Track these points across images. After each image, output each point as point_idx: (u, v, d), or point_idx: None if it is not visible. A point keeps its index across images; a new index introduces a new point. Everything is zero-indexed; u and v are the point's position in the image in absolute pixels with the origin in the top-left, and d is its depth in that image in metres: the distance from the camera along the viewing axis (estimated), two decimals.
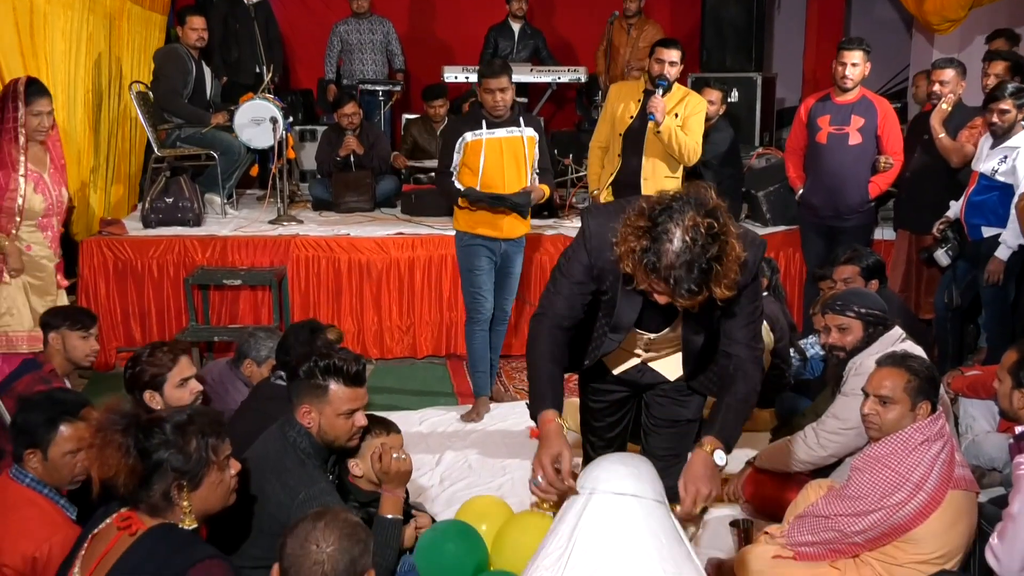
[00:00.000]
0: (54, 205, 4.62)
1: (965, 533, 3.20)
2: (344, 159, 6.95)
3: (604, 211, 2.80)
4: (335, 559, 1.97)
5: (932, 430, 3.19)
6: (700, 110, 5.33)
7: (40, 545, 2.67)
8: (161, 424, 2.34)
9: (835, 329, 3.89)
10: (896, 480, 3.13)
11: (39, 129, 4.53)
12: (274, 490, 2.76)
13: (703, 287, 2.36)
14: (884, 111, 5.68)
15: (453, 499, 4.15)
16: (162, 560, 2.20)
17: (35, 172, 4.51)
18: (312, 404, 2.87)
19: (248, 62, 7.75)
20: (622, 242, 2.41)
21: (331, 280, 6.08)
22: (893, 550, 3.18)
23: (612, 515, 2.19)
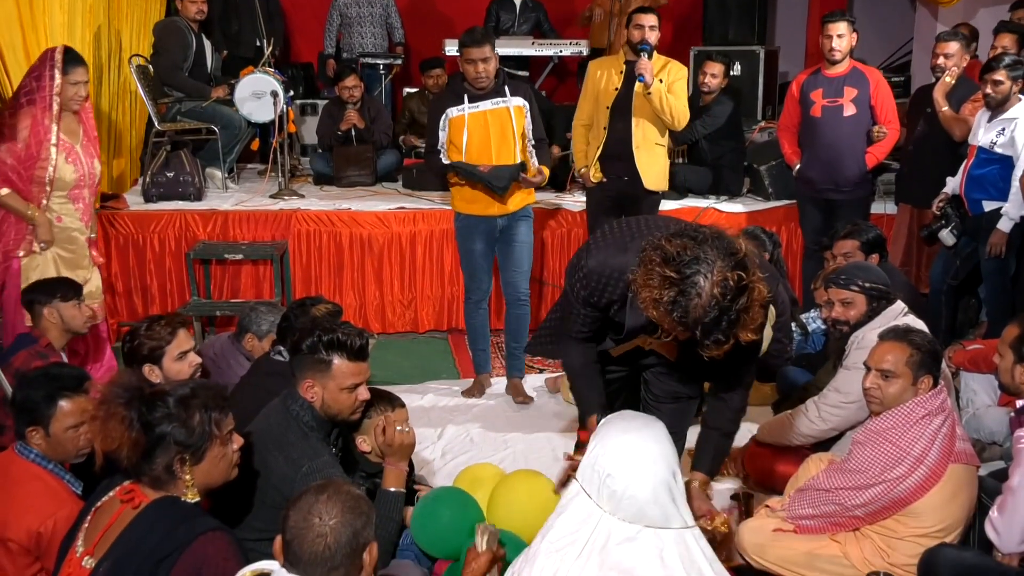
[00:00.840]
0: (85, 176, 4.60)
1: (965, 507, 3.21)
2: (345, 133, 6.91)
3: (603, 247, 2.79)
4: (337, 532, 1.98)
5: (933, 404, 3.19)
6: (683, 76, 5.30)
7: (45, 520, 2.67)
8: (164, 397, 2.34)
9: (839, 303, 3.88)
10: (897, 454, 3.14)
11: (75, 98, 4.53)
12: (277, 463, 2.76)
13: (730, 337, 2.36)
14: (876, 81, 5.67)
15: (455, 472, 4.14)
16: (165, 532, 2.21)
17: (67, 142, 4.50)
18: (315, 379, 2.86)
19: (248, 35, 7.71)
20: (644, 287, 2.35)
21: (332, 254, 6.07)
22: (893, 524, 3.19)
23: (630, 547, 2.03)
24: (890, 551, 3.19)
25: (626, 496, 2.00)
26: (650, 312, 2.38)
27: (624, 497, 2.01)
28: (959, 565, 3.06)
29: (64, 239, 4.58)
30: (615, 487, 2.01)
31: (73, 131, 4.55)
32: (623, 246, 2.70)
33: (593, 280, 2.74)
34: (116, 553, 2.22)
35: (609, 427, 2.14)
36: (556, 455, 4.38)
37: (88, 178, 4.62)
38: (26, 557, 2.69)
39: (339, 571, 1.99)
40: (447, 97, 4.87)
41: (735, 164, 6.60)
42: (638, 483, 2.01)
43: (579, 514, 2.06)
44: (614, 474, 2.01)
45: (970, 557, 3.11)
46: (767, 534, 3.37)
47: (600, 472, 2.04)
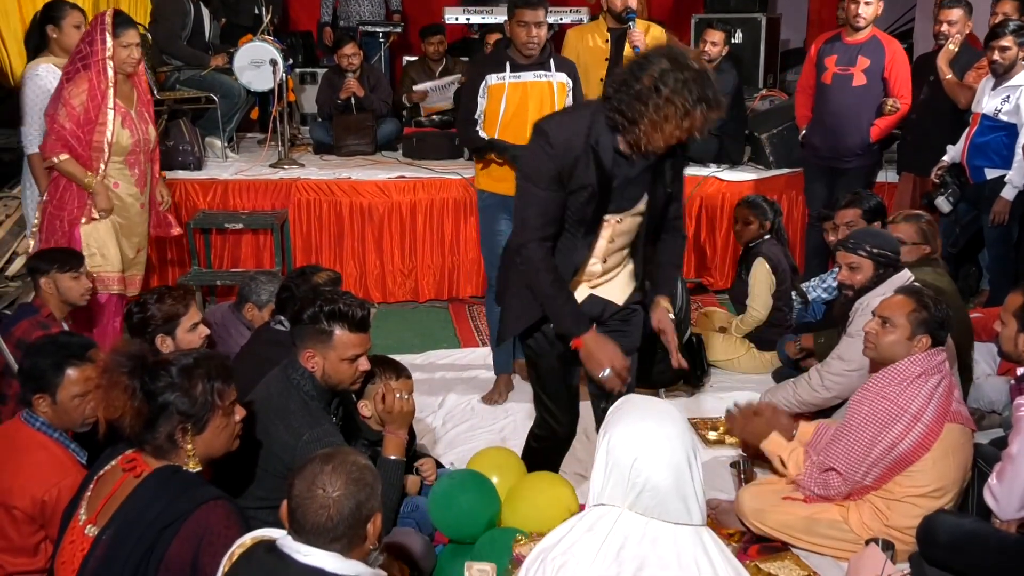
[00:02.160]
0: (140, 142, 4.57)
1: (959, 468, 3.23)
2: (345, 101, 6.87)
3: (556, 120, 2.98)
4: (340, 504, 1.98)
5: (930, 363, 3.21)
6: (663, 39, 5.21)
7: (49, 489, 2.68)
8: (167, 367, 2.34)
9: (846, 267, 3.90)
10: (894, 411, 3.16)
11: (128, 61, 4.49)
12: (278, 432, 2.77)
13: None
14: (893, 52, 5.57)
15: (455, 441, 4.17)
16: (167, 501, 2.22)
17: (122, 107, 4.46)
18: (316, 349, 2.86)
19: (247, 3, 7.62)
20: (670, 112, 2.65)
21: (333, 224, 6.05)
22: (889, 484, 3.21)
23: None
24: (888, 512, 3.21)
25: (648, 487, 1.90)
26: (673, 129, 2.68)
27: (646, 488, 1.90)
28: (957, 531, 3.09)
29: (120, 206, 4.56)
30: (636, 478, 1.90)
31: (127, 95, 4.52)
32: (571, 117, 2.99)
33: (558, 145, 2.81)
34: (118, 522, 2.23)
35: (622, 415, 2.03)
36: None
37: (143, 143, 4.59)
38: (30, 525, 2.70)
39: (342, 541, 1.99)
40: (488, 62, 4.51)
41: (736, 133, 6.56)
42: (660, 472, 1.90)
43: (594, 514, 1.97)
44: (636, 464, 1.91)
45: (968, 523, 3.13)
46: (767, 499, 3.39)
47: (620, 463, 1.93)
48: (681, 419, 2.03)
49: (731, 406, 3.83)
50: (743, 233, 5.10)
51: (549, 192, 2.84)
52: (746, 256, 5.13)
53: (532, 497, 3.21)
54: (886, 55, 5.55)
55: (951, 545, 3.07)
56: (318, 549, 1.98)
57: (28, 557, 2.73)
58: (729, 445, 4.19)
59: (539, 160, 2.85)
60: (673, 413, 2.04)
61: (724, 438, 4.26)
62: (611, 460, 1.95)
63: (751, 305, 5.01)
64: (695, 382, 4.77)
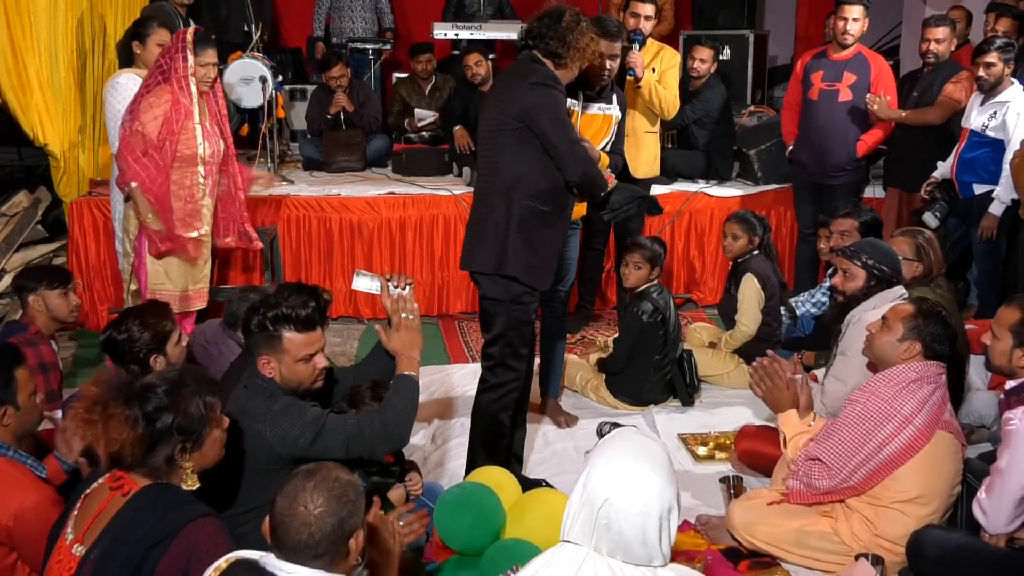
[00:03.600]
0: (215, 153, 4.67)
1: (947, 477, 3.23)
2: (335, 117, 6.88)
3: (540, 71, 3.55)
4: (322, 521, 1.97)
5: (927, 372, 3.24)
6: (675, 64, 5.27)
7: (7, 507, 2.61)
8: (154, 389, 2.33)
9: (840, 272, 3.95)
10: (887, 411, 3.18)
11: (205, 80, 4.60)
12: (250, 427, 2.72)
13: None
14: (879, 68, 5.63)
15: (444, 458, 4.15)
16: (155, 520, 2.20)
17: (202, 122, 4.56)
18: (270, 355, 2.82)
19: (236, 20, 7.64)
20: (586, 45, 3.58)
21: (322, 240, 6.05)
22: (877, 489, 3.22)
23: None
24: (877, 521, 3.22)
25: (611, 531, 1.86)
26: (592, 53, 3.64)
27: (608, 531, 1.87)
28: (947, 546, 3.09)
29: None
30: (602, 520, 1.86)
31: (203, 110, 4.61)
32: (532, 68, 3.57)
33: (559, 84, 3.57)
34: (106, 540, 2.21)
35: (609, 450, 1.97)
36: (547, 439, 4.40)
37: (216, 155, 4.68)
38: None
39: (324, 558, 1.99)
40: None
41: (725, 148, 6.59)
42: (628, 520, 1.86)
43: (562, 553, 1.94)
44: (605, 505, 1.86)
45: (958, 538, 3.13)
46: (757, 512, 3.40)
47: (593, 499, 1.89)
48: (668, 469, 1.93)
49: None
50: (732, 248, 5.11)
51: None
52: (735, 271, 5.14)
53: (536, 510, 3.21)
54: (872, 71, 5.59)
55: (941, 560, 3.07)
56: (300, 567, 1.97)
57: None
58: (719, 460, 4.20)
59: (559, 99, 3.56)
60: (662, 460, 1.94)
61: (714, 453, 4.27)
62: (586, 494, 1.90)
63: (740, 320, 5.02)
64: (685, 399, 4.77)
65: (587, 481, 1.91)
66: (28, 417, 2.84)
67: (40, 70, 5.49)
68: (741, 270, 5.05)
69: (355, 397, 3.23)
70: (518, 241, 3.55)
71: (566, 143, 3.50)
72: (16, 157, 7.73)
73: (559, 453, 4.30)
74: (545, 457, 4.26)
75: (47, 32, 5.59)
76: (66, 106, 5.83)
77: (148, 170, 4.46)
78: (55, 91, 5.67)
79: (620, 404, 4.75)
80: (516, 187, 3.53)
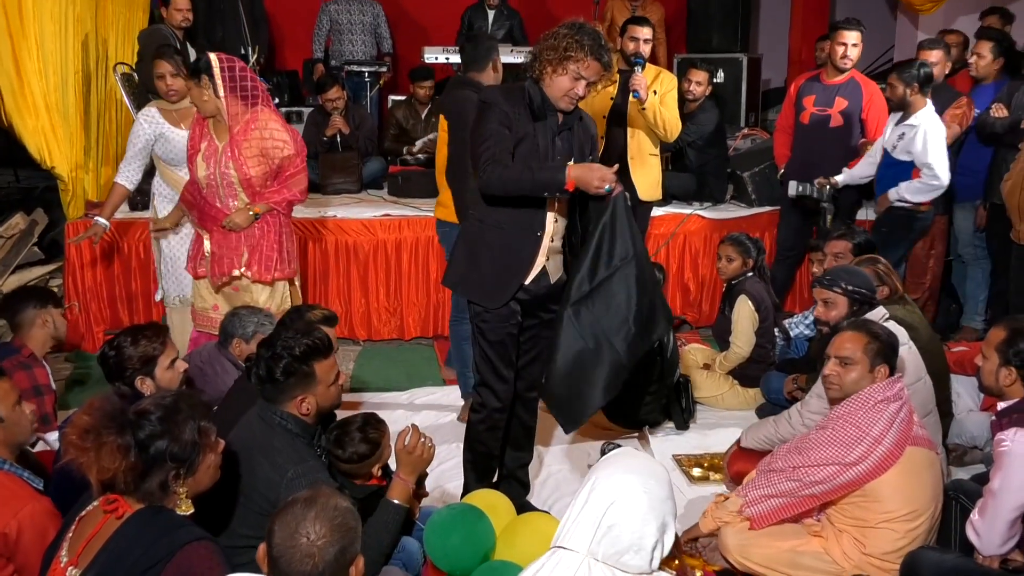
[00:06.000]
0: (211, 179, 4.54)
1: (929, 489, 3.24)
2: (331, 139, 6.91)
3: (494, 94, 3.49)
4: (324, 551, 1.95)
5: (891, 391, 3.25)
6: (673, 86, 5.31)
7: (8, 521, 2.62)
8: (148, 415, 2.32)
9: (821, 303, 3.95)
10: (857, 434, 3.19)
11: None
12: (263, 469, 2.74)
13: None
14: (871, 94, 5.65)
15: (439, 479, 4.15)
16: (149, 543, 2.20)
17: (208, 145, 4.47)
18: (305, 392, 2.86)
19: (233, 42, 7.67)
20: (557, 56, 3.33)
21: (318, 262, 6.06)
22: (861, 512, 3.23)
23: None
24: (865, 541, 3.22)
25: (611, 534, 1.96)
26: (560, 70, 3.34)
27: (609, 535, 1.96)
28: (941, 568, 3.09)
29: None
30: (608, 522, 1.96)
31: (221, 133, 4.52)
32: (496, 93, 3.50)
33: (500, 102, 3.39)
34: (100, 564, 2.20)
35: (619, 462, 2.09)
36: (541, 459, 4.40)
37: (211, 180, 4.50)
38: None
39: None
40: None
41: (719, 171, 6.63)
42: (628, 527, 1.96)
43: (556, 557, 2.00)
44: (610, 509, 1.97)
45: (951, 559, 3.13)
46: (750, 534, 3.39)
47: (597, 503, 1.99)
48: (669, 486, 2.08)
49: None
50: (726, 270, 5.13)
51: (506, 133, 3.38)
52: (729, 293, 5.16)
53: (526, 533, 3.22)
54: (863, 96, 5.62)
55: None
56: None
57: None
58: (713, 482, 4.20)
59: (492, 117, 3.40)
60: (664, 478, 2.08)
61: (708, 475, 4.27)
62: (591, 498, 1.98)
63: (734, 342, 5.03)
64: (680, 423, 4.77)
65: (593, 487, 2.00)
66: (16, 428, 2.84)
67: (47, 93, 5.50)
68: (735, 292, 5.06)
69: (342, 437, 3.21)
70: (461, 254, 3.61)
71: (477, 159, 3.39)
72: (13, 179, 7.74)
73: (555, 475, 4.30)
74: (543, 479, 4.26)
75: (54, 55, 5.63)
76: (73, 129, 5.85)
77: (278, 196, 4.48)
78: (62, 114, 5.69)
79: (615, 427, 4.74)
80: (473, 204, 3.58)
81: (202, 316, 4.58)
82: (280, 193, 4.44)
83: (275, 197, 4.43)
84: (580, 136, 3.56)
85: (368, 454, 3.18)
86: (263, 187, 4.39)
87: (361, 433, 3.19)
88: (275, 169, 4.40)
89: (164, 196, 5.09)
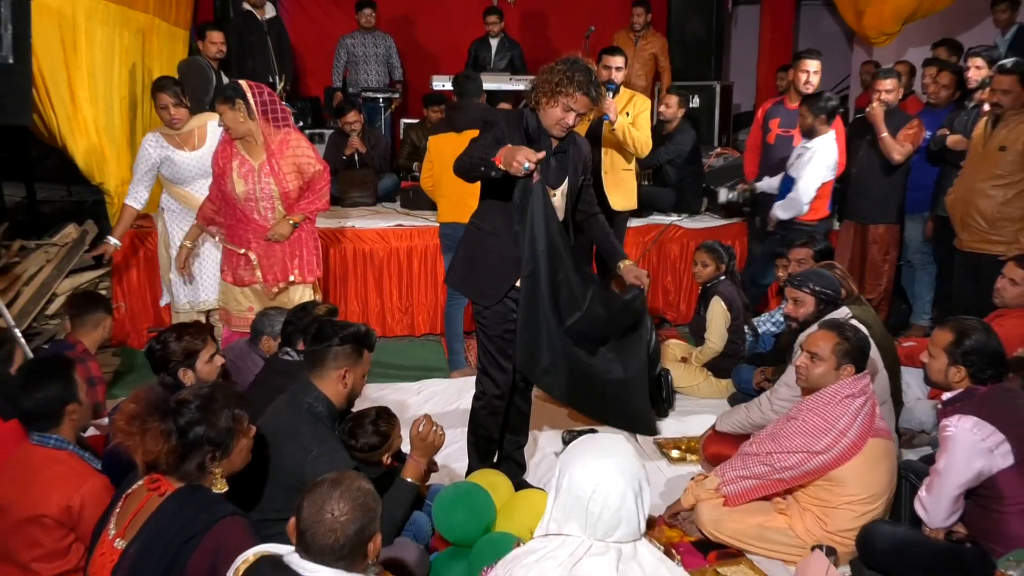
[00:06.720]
0: (249, 195, 4.50)
1: (887, 476, 3.26)
2: (349, 158, 6.92)
3: (496, 115, 3.58)
4: (346, 527, 1.97)
5: (856, 387, 3.26)
6: (646, 108, 5.31)
7: (72, 495, 2.68)
8: (187, 404, 2.33)
9: (791, 301, 3.97)
10: (824, 425, 3.20)
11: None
12: (290, 450, 2.76)
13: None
14: None
15: (448, 459, 4.15)
16: (188, 518, 2.21)
17: (248, 161, 4.44)
18: (350, 367, 2.94)
19: (262, 72, 7.66)
20: (551, 89, 3.33)
21: (338, 267, 6.06)
22: (826, 494, 3.23)
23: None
24: (827, 520, 3.23)
25: (603, 516, 1.94)
26: (552, 103, 3.34)
27: (601, 517, 1.94)
28: (893, 539, 3.10)
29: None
30: (595, 509, 1.93)
31: (252, 151, 4.48)
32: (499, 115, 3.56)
33: (499, 122, 3.42)
34: (144, 536, 2.21)
35: (581, 454, 2.03)
36: (536, 442, 4.40)
37: (249, 196, 4.48)
38: (60, 530, 2.69)
39: (346, 560, 1.99)
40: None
41: (695, 186, 6.63)
42: (614, 503, 1.94)
43: (557, 539, 1.98)
44: (594, 497, 1.94)
45: (902, 532, 3.14)
46: (723, 510, 3.40)
47: (581, 497, 1.96)
48: (632, 455, 2.03)
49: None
50: (701, 274, 5.14)
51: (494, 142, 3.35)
52: (704, 295, 5.16)
53: (523, 508, 3.22)
54: None
55: (887, 551, 3.08)
56: (324, 567, 1.97)
57: (61, 559, 2.71)
58: (691, 462, 4.20)
59: (487, 137, 3.41)
60: (625, 449, 2.04)
61: (686, 456, 4.27)
62: (571, 492, 1.96)
63: (709, 338, 5.04)
64: (661, 411, 4.77)
65: (570, 481, 1.97)
66: (85, 413, 2.92)
67: (97, 117, 5.49)
68: (709, 293, 5.07)
69: (356, 428, 3.21)
70: (461, 258, 3.63)
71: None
72: (66, 194, 7.74)
73: (548, 456, 4.30)
74: (537, 460, 4.26)
75: (103, 83, 5.62)
76: (119, 149, 5.84)
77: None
78: (110, 135, 5.67)
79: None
80: (474, 213, 3.61)
81: (238, 318, 4.57)
82: (314, 204, 4.53)
83: (310, 207, 4.52)
84: (573, 157, 3.54)
85: (378, 445, 3.18)
86: (297, 199, 4.45)
87: (373, 426, 3.20)
88: (307, 183, 4.46)
89: (172, 210, 5.05)
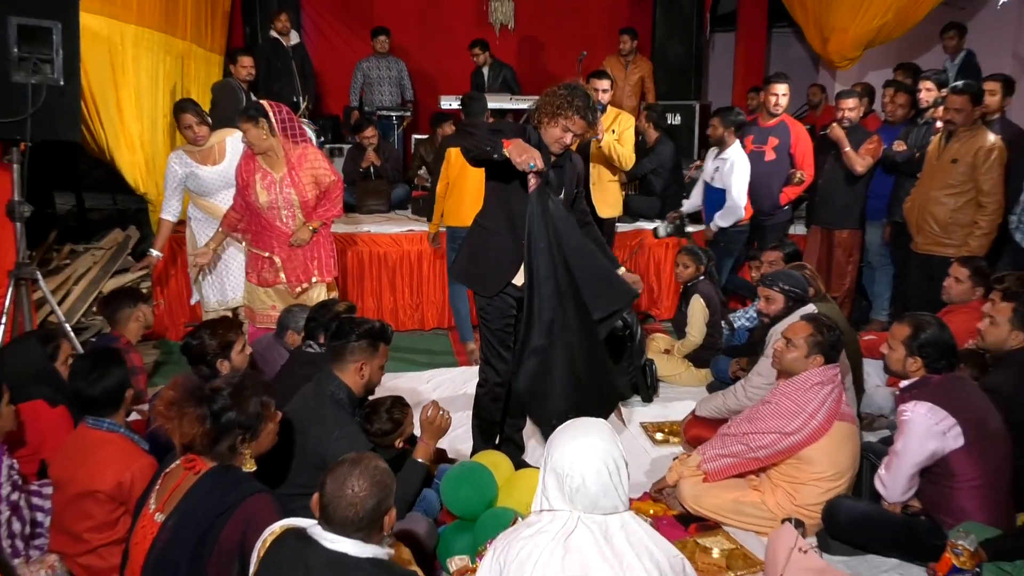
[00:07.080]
0: (271, 203, 4.47)
1: (850, 456, 3.26)
2: (365, 169, 6.91)
3: (502, 125, 3.60)
4: (365, 501, 1.98)
5: (826, 375, 3.26)
6: (630, 124, 5.31)
7: (123, 472, 2.70)
8: (220, 391, 2.34)
9: (763, 299, 3.96)
10: (795, 409, 3.20)
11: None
12: (315, 432, 2.76)
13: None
14: (797, 133, 5.68)
15: (453, 442, 4.15)
16: (220, 494, 2.22)
17: (269, 173, 4.45)
18: (366, 360, 2.91)
19: (288, 93, 7.67)
20: (552, 111, 3.30)
21: (355, 268, 6.05)
22: (795, 471, 3.23)
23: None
24: (796, 495, 3.23)
25: (581, 491, 1.92)
26: (553, 125, 3.31)
27: (580, 492, 1.93)
28: (854, 512, 3.10)
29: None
30: (573, 485, 1.93)
31: (273, 164, 4.46)
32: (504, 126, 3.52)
33: (505, 130, 3.27)
34: (181, 510, 2.22)
35: (562, 435, 2.03)
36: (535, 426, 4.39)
37: (272, 205, 4.45)
38: (112, 503, 2.72)
39: (363, 531, 2.00)
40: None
41: (676, 195, 6.61)
42: (591, 479, 1.92)
43: (548, 515, 1.98)
44: (571, 474, 1.93)
45: (863, 506, 3.14)
46: (702, 487, 3.40)
47: (560, 474, 1.95)
48: (609, 434, 2.00)
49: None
50: (683, 275, 5.13)
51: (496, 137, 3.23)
52: (685, 293, 5.16)
53: (522, 485, 3.22)
54: (792, 135, 5.64)
55: (849, 524, 3.08)
56: (343, 537, 1.97)
57: (110, 530, 2.74)
58: (673, 444, 4.20)
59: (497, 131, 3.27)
60: (602, 429, 2.01)
61: (668, 438, 4.26)
62: (554, 473, 1.96)
63: (689, 332, 5.03)
64: (646, 397, 4.77)
65: (552, 461, 1.98)
66: (134, 399, 2.93)
67: (142, 133, 5.49)
68: (690, 292, 5.07)
69: (372, 415, 3.21)
70: (466, 252, 3.61)
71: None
72: (111, 202, 7.75)
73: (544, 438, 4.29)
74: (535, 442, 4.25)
75: (148, 103, 5.61)
76: (161, 162, 5.82)
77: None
78: (153, 150, 5.66)
79: None
80: (479, 213, 3.58)
81: (262, 315, 4.58)
82: (330, 211, 4.54)
83: (327, 214, 4.53)
84: (569, 172, 3.53)
85: (391, 431, 3.18)
86: (315, 207, 4.45)
87: (388, 414, 3.21)
88: (323, 192, 4.46)
89: (199, 219, 5.02)
